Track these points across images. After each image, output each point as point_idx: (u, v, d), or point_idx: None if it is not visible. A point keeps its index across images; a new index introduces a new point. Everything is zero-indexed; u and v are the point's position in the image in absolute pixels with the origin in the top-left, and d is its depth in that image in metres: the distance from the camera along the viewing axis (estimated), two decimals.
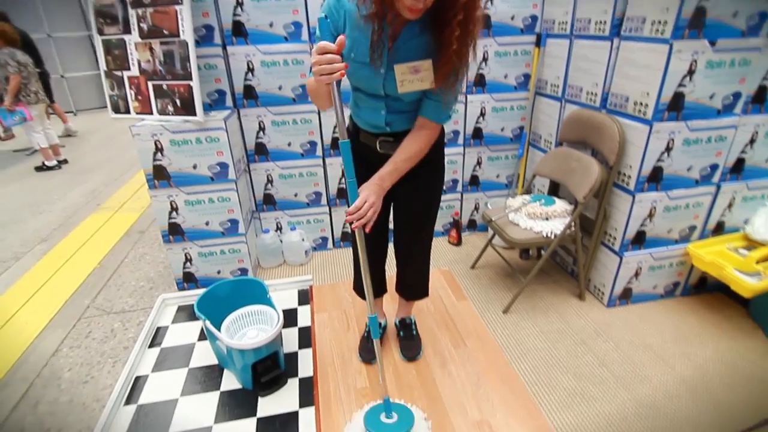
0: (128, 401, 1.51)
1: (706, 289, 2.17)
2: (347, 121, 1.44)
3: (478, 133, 2.53)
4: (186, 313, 1.93)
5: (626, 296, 2.11)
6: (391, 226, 1.57)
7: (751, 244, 1.96)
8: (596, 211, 2.03)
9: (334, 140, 2.39)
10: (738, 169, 1.95)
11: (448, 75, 1.12)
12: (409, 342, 1.70)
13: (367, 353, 1.67)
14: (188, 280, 2.29)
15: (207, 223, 2.16)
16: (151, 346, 1.76)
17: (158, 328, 1.86)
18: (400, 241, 1.57)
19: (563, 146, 2.19)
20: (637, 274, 2.05)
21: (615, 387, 1.66)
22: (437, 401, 1.46)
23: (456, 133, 2.51)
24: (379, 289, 1.72)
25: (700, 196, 1.94)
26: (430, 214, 1.50)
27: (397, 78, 1.16)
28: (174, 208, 2.09)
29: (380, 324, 1.75)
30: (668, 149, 1.80)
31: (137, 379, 1.60)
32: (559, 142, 2.23)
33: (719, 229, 2.06)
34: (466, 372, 1.58)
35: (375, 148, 1.35)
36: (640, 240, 1.98)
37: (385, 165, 1.26)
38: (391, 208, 1.53)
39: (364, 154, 1.38)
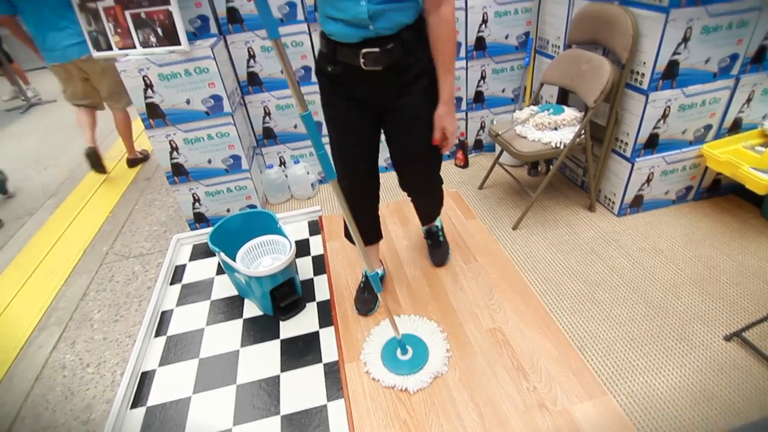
0: (157, 333, 1.59)
1: (719, 192, 2.13)
2: (318, 42, 1.22)
3: (480, 43, 2.37)
4: (201, 251, 1.98)
5: (637, 204, 2.08)
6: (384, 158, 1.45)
7: None
8: (607, 116, 1.94)
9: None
10: (759, 59, 1.81)
11: None
12: (437, 249, 1.74)
13: (363, 305, 1.56)
14: (199, 220, 2.31)
15: (209, 161, 2.13)
16: (172, 283, 1.83)
17: (177, 267, 1.92)
18: (407, 177, 1.40)
19: (572, 48, 2.05)
20: (648, 180, 2.00)
21: (625, 290, 1.69)
22: (451, 313, 1.51)
23: (457, 45, 2.35)
24: (374, 237, 1.57)
25: (718, 91, 1.83)
26: (430, 130, 1.26)
27: None
28: (174, 148, 2.05)
29: (377, 273, 1.63)
30: (685, 39, 1.66)
31: (163, 313, 1.68)
32: (568, 44, 2.08)
33: (736, 127, 1.97)
34: (478, 285, 1.61)
35: (359, 66, 1.12)
36: (652, 144, 1.91)
37: (439, 79, 1.16)
38: (383, 139, 1.34)
39: (346, 79, 1.17)
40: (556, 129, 1.95)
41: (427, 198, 1.56)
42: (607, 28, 1.81)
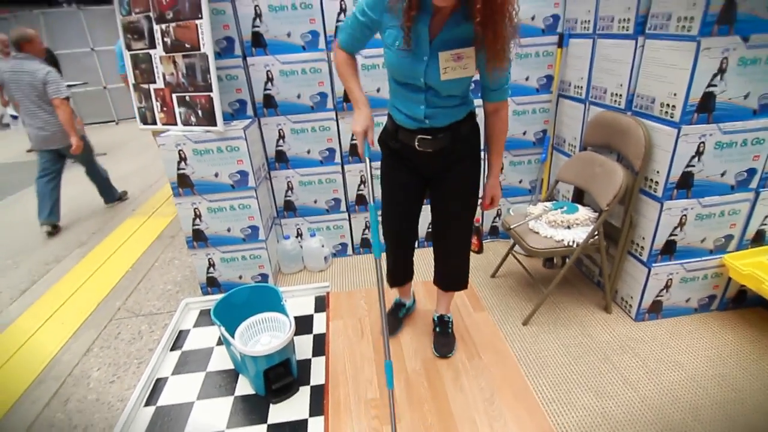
0: (148, 402, 1.57)
1: (745, 304, 2.02)
2: (385, 121, 1.53)
3: None
4: (207, 317, 1.99)
5: (656, 310, 1.99)
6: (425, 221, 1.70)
7: None
8: (622, 218, 1.93)
9: (352, 147, 2.40)
10: None
11: (496, 51, 1.15)
12: (444, 338, 1.73)
13: (392, 326, 1.83)
14: (212, 284, 2.36)
15: (228, 230, 2.22)
16: (173, 349, 1.83)
17: (180, 331, 1.92)
18: (441, 235, 1.61)
19: (587, 150, 2.11)
20: (667, 287, 1.94)
21: (639, 408, 1.57)
22: (447, 416, 1.43)
23: None
24: (408, 275, 1.80)
25: (737, 203, 1.81)
26: (470, 204, 1.53)
27: (440, 65, 1.22)
28: (197, 215, 2.16)
29: (404, 305, 1.92)
30: (699, 153, 1.69)
31: (158, 381, 1.66)
32: (584, 146, 2.15)
33: (759, 238, 1.92)
34: (479, 387, 1.54)
35: (413, 147, 1.40)
36: (670, 250, 1.87)
37: (492, 161, 1.48)
38: (427, 203, 1.59)
39: (403, 153, 1.46)
40: (569, 227, 1.96)
41: (457, 257, 1.65)
42: (621, 135, 1.87)
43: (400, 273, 1.76)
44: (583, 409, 1.57)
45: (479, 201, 1.56)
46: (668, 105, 1.68)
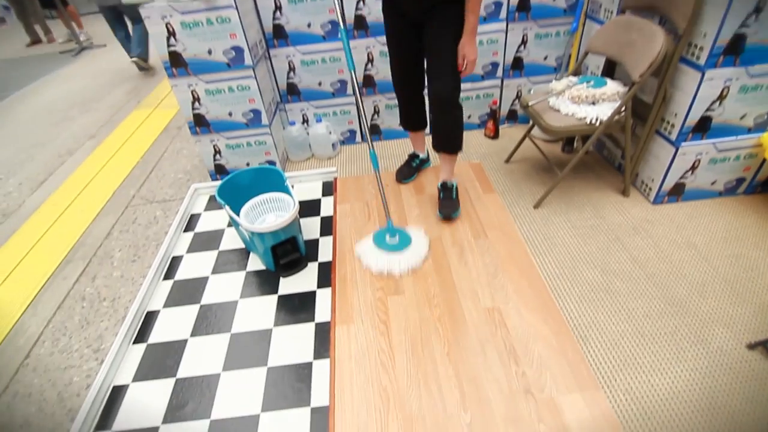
0: (167, 277, 1.66)
1: None
2: None
3: (524, 4, 2.17)
4: (217, 202, 2.02)
5: (677, 192, 1.90)
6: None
7: None
8: (655, 93, 1.74)
9: (357, 18, 2.16)
10: None
11: None
12: (448, 201, 1.80)
13: (401, 175, 2.07)
14: (220, 171, 2.34)
15: (230, 114, 2.12)
16: (186, 230, 1.88)
17: (192, 215, 1.97)
18: (430, 77, 1.67)
19: (626, 14, 1.84)
20: (693, 168, 1.82)
21: (645, 284, 1.57)
22: (450, 287, 1.46)
23: (498, 5, 2.17)
24: (416, 125, 1.98)
25: None
26: (450, 41, 1.55)
27: None
28: (196, 98, 2.06)
29: (417, 156, 2.13)
30: (757, 10, 1.44)
31: (174, 258, 1.74)
32: (622, 9, 1.87)
33: None
34: (484, 263, 1.55)
35: None
36: (703, 127, 1.71)
37: (467, 15, 1.49)
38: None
39: (396, 1, 1.61)
40: (593, 104, 1.79)
41: (448, 112, 1.67)
42: None
43: (410, 116, 1.95)
44: (586, 284, 1.58)
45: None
46: None
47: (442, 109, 1.66)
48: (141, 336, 1.43)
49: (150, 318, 1.49)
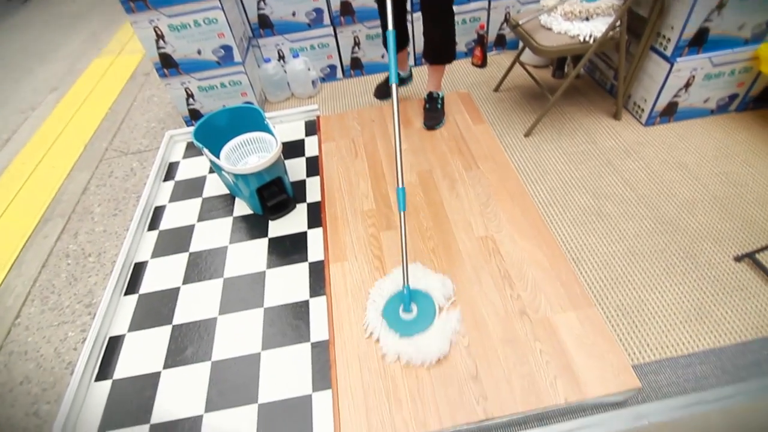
0: (151, 227, 1.60)
1: None
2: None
3: None
4: (195, 149, 1.92)
5: (669, 112, 1.86)
6: None
7: None
8: (651, 5, 1.64)
9: None
10: None
11: None
12: (433, 113, 1.80)
13: (380, 93, 2.06)
14: (195, 117, 2.22)
15: (199, 52, 1.97)
16: (165, 179, 1.80)
17: (170, 164, 1.88)
18: (426, 5, 1.61)
19: None
20: (688, 85, 1.76)
21: (636, 205, 1.57)
22: (443, 220, 1.44)
23: None
24: (403, 41, 1.86)
25: None
26: None
27: None
28: (159, 35, 1.89)
29: (398, 74, 1.91)
30: None
31: (157, 209, 1.67)
32: None
33: None
34: (476, 193, 1.52)
35: None
36: (700, 40, 1.64)
37: None
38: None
39: None
40: (587, 19, 1.69)
41: (442, 21, 1.63)
42: None
43: (398, 35, 1.79)
44: (578, 209, 1.58)
45: None
46: None
47: (436, 18, 1.61)
48: (132, 287, 1.41)
49: (139, 269, 1.45)
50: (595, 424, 1.06)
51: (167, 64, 1.98)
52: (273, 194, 1.50)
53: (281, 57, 2.31)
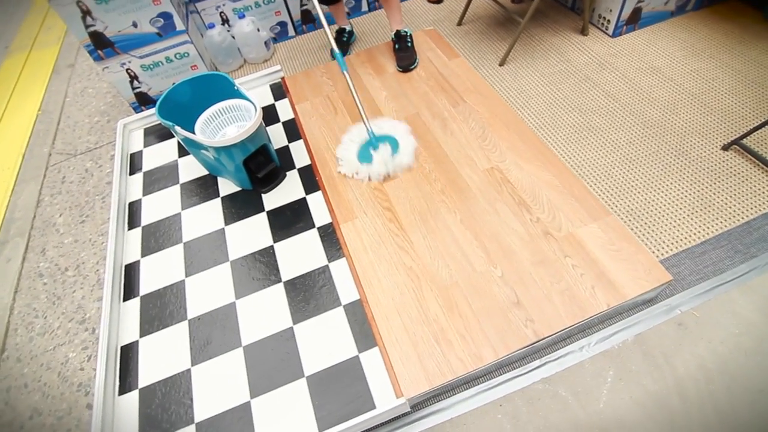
0: (132, 226, 1.46)
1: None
2: None
3: None
4: (155, 134, 1.75)
5: (634, 20, 1.86)
6: None
7: None
8: None
9: None
10: None
11: None
12: (404, 53, 1.74)
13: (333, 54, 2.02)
14: (144, 102, 2.00)
15: (135, 25, 1.74)
16: (131, 173, 1.64)
17: (132, 155, 1.71)
18: None
19: None
20: None
21: (622, 114, 1.59)
22: (444, 160, 1.40)
23: None
24: None
25: None
26: None
27: None
28: (86, 12, 1.65)
29: (344, 29, 2.03)
30: None
31: (131, 205, 1.53)
32: None
33: None
34: (470, 127, 1.48)
35: None
36: None
37: None
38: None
39: None
40: None
41: None
42: None
43: None
44: (570, 127, 1.58)
45: None
46: None
47: None
48: (129, 291, 1.29)
49: (131, 271, 1.33)
50: (635, 323, 1.10)
51: (100, 44, 1.75)
52: (261, 165, 1.39)
53: (225, 21, 2.10)
